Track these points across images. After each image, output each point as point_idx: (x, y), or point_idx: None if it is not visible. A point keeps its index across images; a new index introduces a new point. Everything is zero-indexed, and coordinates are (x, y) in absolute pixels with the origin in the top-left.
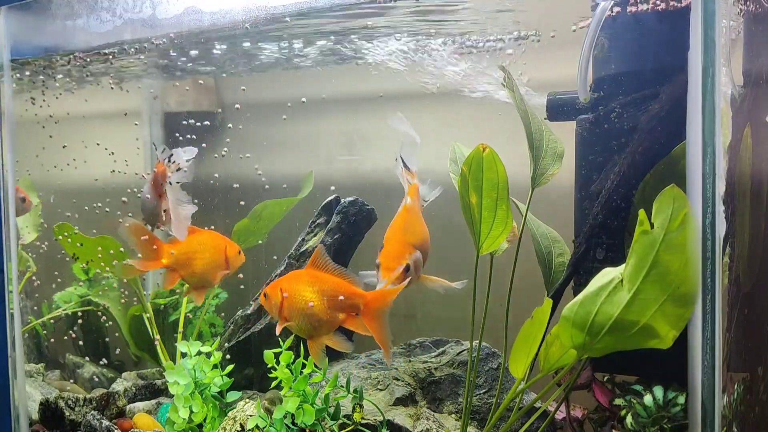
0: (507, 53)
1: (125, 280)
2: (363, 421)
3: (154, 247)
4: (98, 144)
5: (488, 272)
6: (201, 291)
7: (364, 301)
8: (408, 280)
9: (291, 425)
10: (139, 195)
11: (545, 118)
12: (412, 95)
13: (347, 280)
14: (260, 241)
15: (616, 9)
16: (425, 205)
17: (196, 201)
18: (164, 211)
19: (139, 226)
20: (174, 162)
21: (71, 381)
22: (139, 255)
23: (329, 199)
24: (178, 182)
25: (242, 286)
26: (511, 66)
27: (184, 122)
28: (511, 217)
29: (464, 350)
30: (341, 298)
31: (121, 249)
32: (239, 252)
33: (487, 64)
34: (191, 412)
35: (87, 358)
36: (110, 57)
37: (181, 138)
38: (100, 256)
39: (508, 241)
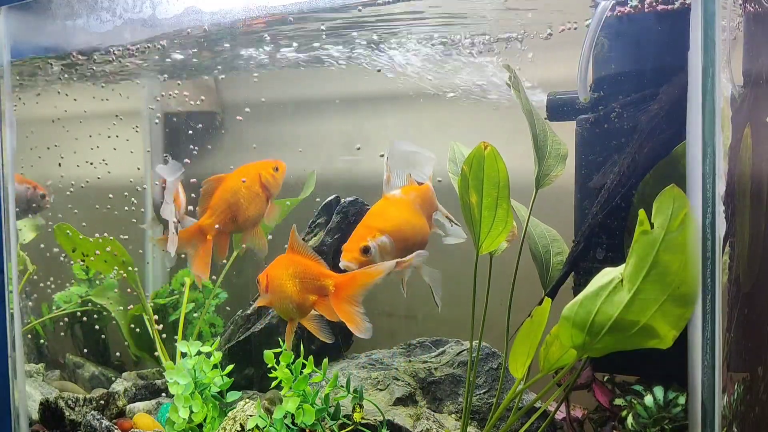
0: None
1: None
2: (363, 421)
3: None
4: (97, 148)
5: (488, 272)
6: (255, 230)
7: (333, 282)
8: (388, 268)
9: (291, 425)
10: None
11: (545, 118)
12: (410, 96)
13: (320, 263)
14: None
15: (623, 9)
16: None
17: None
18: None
19: (163, 239)
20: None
21: (72, 381)
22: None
23: (329, 198)
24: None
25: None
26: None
27: (189, 123)
28: (512, 216)
29: (464, 350)
30: (311, 280)
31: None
32: (275, 168)
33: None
34: (191, 412)
35: (86, 351)
36: (110, 56)
37: (182, 139)
38: (97, 253)
39: (508, 240)
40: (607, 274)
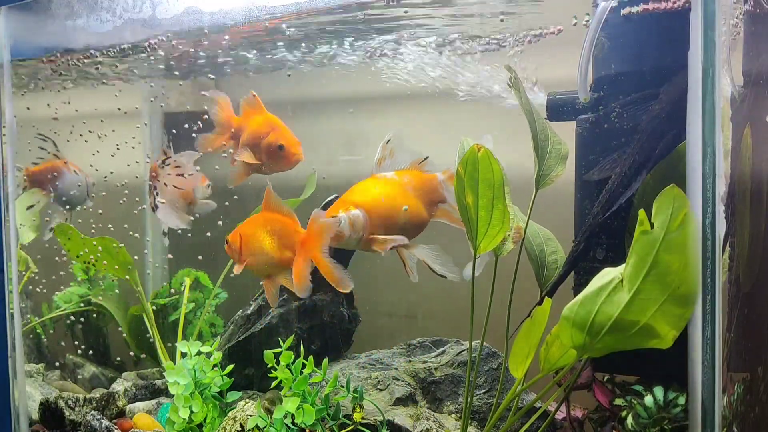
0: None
1: (125, 279)
2: (363, 421)
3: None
4: (97, 150)
5: (493, 273)
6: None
7: (301, 236)
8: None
9: (291, 425)
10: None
11: (545, 118)
12: (415, 96)
13: (295, 220)
14: None
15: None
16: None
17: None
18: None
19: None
20: (171, 164)
21: (71, 381)
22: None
23: (329, 198)
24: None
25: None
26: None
27: (190, 125)
28: (509, 216)
29: (464, 350)
30: (289, 236)
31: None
32: (280, 147)
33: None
34: (191, 412)
35: (86, 351)
36: (110, 57)
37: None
38: (99, 255)
39: (514, 241)
40: (607, 274)
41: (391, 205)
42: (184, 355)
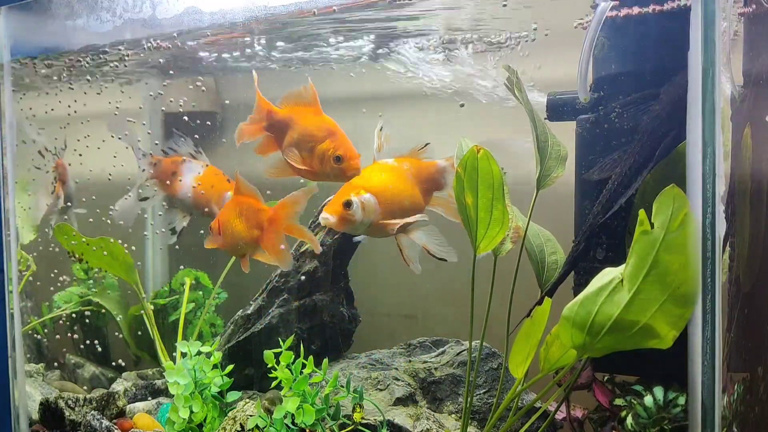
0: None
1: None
2: (363, 421)
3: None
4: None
5: (487, 272)
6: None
7: (267, 215)
8: (355, 218)
9: (291, 425)
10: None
11: (545, 118)
12: (413, 95)
13: (260, 200)
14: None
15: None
16: None
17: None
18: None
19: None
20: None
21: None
22: None
23: (328, 199)
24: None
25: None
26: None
27: (189, 122)
28: (508, 216)
29: (464, 350)
30: (254, 215)
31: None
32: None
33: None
34: (191, 412)
35: (85, 351)
36: (110, 56)
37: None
38: (105, 254)
39: (513, 241)
40: (608, 274)
41: (396, 191)
42: (184, 355)
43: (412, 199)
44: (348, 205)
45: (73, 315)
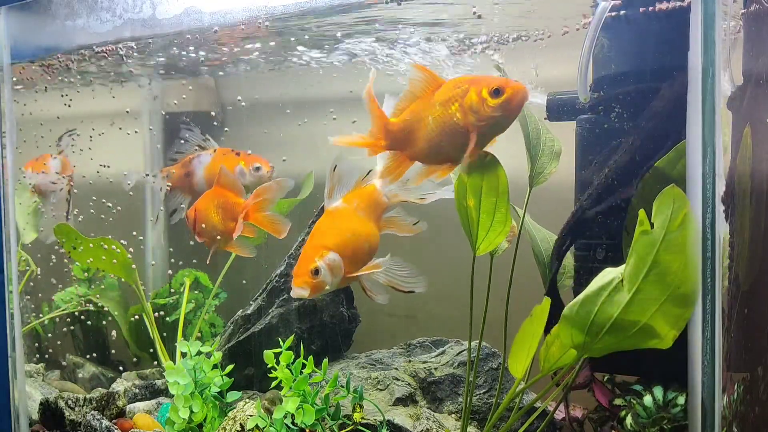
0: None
1: (123, 280)
2: (363, 421)
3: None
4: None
5: (488, 272)
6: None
7: (242, 207)
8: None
9: (291, 425)
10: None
11: (545, 118)
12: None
13: (239, 195)
14: (258, 246)
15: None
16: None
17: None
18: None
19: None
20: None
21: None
22: None
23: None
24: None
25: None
26: None
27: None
28: (510, 218)
29: (464, 350)
30: (231, 208)
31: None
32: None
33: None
34: (191, 412)
35: (86, 351)
36: (110, 56)
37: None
38: (103, 258)
39: (508, 241)
40: (608, 274)
41: (355, 238)
42: (184, 355)
43: (369, 239)
44: (316, 272)
45: (75, 314)
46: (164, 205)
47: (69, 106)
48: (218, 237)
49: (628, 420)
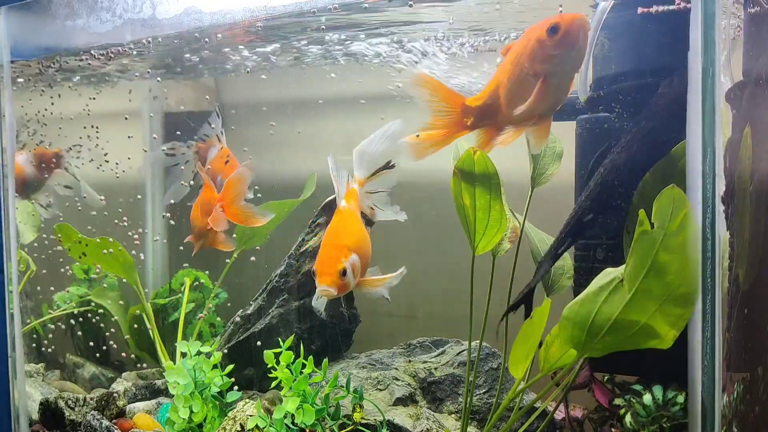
0: None
1: (124, 280)
2: (363, 421)
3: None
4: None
5: (490, 273)
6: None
7: (217, 201)
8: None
9: (291, 425)
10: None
11: None
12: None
13: (213, 192)
14: (259, 247)
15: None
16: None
17: None
18: None
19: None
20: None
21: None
22: None
23: (329, 198)
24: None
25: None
26: None
27: (188, 123)
28: (506, 217)
29: (464, 350)
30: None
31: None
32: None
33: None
34: (191, 412)
35: (85, 351)
36: (110, 56)
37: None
38: (105, 253)
39: (510, 241)
40: (608, 274)
41: (363, 238)
42: (184, 355)
43: (367, 240)
44: (344, 273)
45: (73, 315)
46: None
47: (86, 108)
48: (202, 234)
49: (628, 418)
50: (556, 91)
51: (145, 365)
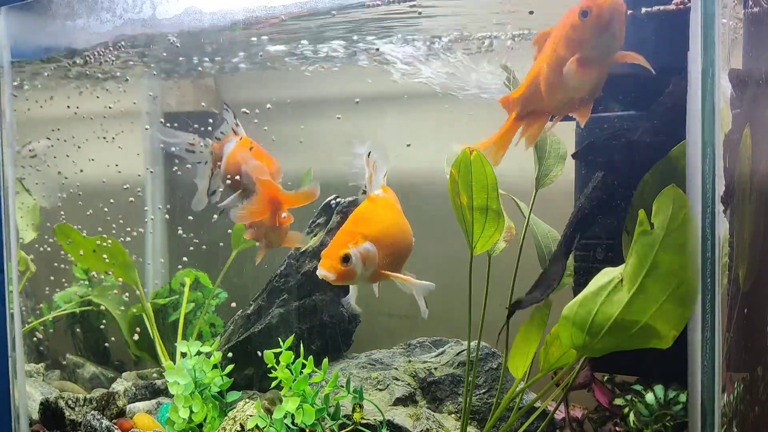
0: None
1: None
2: (363, 421)
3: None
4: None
5: (487, 272)
6: None
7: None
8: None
9: (291, 425)
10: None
11: None
12: (410, 95)
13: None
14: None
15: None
16: None
17: None
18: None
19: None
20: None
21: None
22: None
23: (329, 199)
24: None
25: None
26: None
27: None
28: (503, 216)
29: (464, 350)
30: None
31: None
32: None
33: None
34: (191, 412)
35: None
36: (110, 57)
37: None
38: (105, 257)
39: (506, 240)
40: (607, 274)
41: (397, 229)
42: (184, 355)
43: (407, 234)
44: (346, 260)
45: (76, 313)
46: (209, 183)
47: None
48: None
49: (631, 417)
50: (593, 75)
51: (139, 365)
